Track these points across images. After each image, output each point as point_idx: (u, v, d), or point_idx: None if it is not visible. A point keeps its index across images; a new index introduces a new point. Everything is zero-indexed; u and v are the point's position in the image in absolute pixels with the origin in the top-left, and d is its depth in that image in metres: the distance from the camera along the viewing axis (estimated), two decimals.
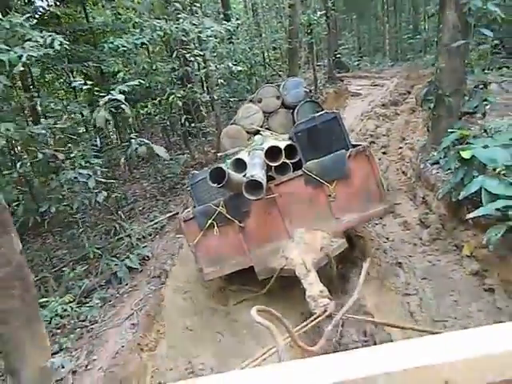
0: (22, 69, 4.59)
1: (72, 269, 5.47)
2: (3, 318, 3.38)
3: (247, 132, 6.02)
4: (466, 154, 4.66)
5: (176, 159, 9.94)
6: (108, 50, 7.37)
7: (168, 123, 11.51)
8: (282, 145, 4.78)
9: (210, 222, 4.57)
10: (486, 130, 5.91)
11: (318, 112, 5.68)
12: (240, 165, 4.71)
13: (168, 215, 7.22)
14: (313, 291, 3.56)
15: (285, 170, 4.75)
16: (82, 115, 7.14)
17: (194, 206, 4.96)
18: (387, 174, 8.04)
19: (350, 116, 12.91)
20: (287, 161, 4.73)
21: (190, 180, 5.15)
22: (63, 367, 3.78)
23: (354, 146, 4.82)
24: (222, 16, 16.49)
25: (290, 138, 5.07)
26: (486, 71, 14.16)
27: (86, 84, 5.19)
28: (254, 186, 3.98)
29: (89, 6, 10.74)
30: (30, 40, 5.30)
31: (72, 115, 6.75)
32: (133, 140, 5.24)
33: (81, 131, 6.84)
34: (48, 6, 11.31)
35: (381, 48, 27.56)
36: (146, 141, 5.38)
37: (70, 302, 4.64)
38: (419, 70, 16.53)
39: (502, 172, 4.44)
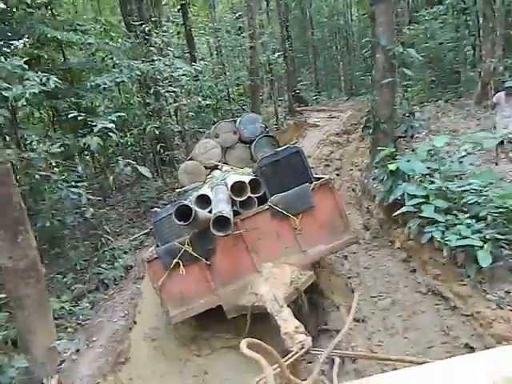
0: (25, 103, 5.40)
1: (63, 277, 6.13)
2: (20, 303, 4.09)
3: (205, 167, 6.04)
4: (392, 167, 5.86)
5: (150, 185, 10.78)
6: (90, 87, 8.29)
7: (140, 152, 12.37)
8: (246, 179, 4.79)
9: (175, 261, 4.40)
10: (413, 150, 7.21)
11: (274, 146, 6.05)
12: (204, 200, 4.64)
13: (146, 231, 8.00)
14: (288, 328, 3.45)
15: (249, 204, 4.71)
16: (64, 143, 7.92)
17: (157, 245, 4.78)
18: (340, 191, 9.22)
19: (308, 144, 14.32)
20: (252, 195, 4.71)
21: (152, 218, 4.98)
22: (67, 348, 4.47)
23: (317, 178, 4.93)
24: (187, 55, 17.88)
25: (253, 173, 5.11)
26: (424, 103, 16.13)
27: (79, 116, 6.07)
28: (221, 222, 3.96)
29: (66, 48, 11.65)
30: (27, 79, 6.19)
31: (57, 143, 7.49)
32: (120, 161, 6.14)
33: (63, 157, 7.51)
34: (24, 46, 12.20)
35: (337, 84, 29.87)
36: (132, 161, 6.29)
37: (66, 301, 5.32)
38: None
39: (419, 179, 5.68)
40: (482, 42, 14.33)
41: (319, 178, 4.88)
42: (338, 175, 10.56)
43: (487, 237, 4.20)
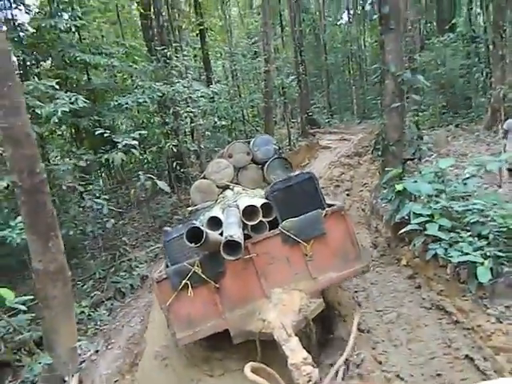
0: (56, 120, 5.85)
1: (82, 285, 6.45)
2: (48, 303, 4.40)
3: (217, 186, 6.06)
4: (399, 187, 6.12)
5: (164, 201, 11.19)
6: (113, 106, 8.80)
7: (157, 169, 12.83)
8: (258, 203, 4.74)
9: (184, 282, 4.35)
10: (420, 172, 7.46)
11: (287, 168, 6.13)
12: (215, 222, 4.62)
13: (161, 244, 8.31)
14: (295, 358, 3.37)
15: (261, 228, 4.66)
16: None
17: (167, 265, 4.78)
18: (350, 211, 9.45)
19: (319, 165, 14.68)
20: (264, 219, 4.67)
21: (163, 237, 4.96)
22: (88, 349, 4.74)
23: (329, 205, 4.86)
24: (203, 77, 18.58)
25: (265, 197, 5.04)
26: (435, 128, 16.42)
27: (105, 133, 6.51)
28: (231, 245, 3.94)
29: (91, 69, 12.31)
30: (58, 99, 6.68)
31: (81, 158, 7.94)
32: (141, 176, 6.52)
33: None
34: (51, 68, 12.91)
35: (349, 107, 30.37)
36: (152, 176, 6.67)
37: (86, 306, 5.62)
38: None
39: (425, 199, 5.92)
40: (491, 70, 14.66)
41: (332, 205, 4.83)
42: (348, 195, 10.80)
43: (488, 254, 4.42)
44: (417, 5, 17.66)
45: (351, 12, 28.91)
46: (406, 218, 5.86)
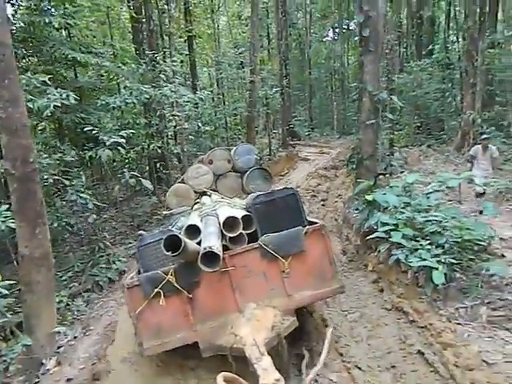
0: (50, 114, 6.05)
1: (61, 276, 6.60)
2: (31, 288, 4.59)
3: (195, 192, 6.01)
4: (369, 198, 6.58)
5: (143, 202, 11.39)
6: (100, 105, 9.01)
7: (138, 170, 13.01)
8: (239, 215, 4.65)
9: (156, 290, 4.22)
10: (390, 185, 7.97)
11: (267, 179, 6.21)
12: (193, 230, 4.50)
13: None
14: (267, 379, 3.31)
15: (240, 240, 4.57)
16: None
17: (139, 271, 4.59)
18: (324, 220, 9.89)
19: (297, 175, 15.19)
20: (243, 231, 4.57)
21: (137, 242, 4.76)
22: (66, 335, 4.93)
23: (310, 222, 4.84)
24: (189, 83, 18.91)
25: (247, 208, 5.00)
26: (409, 146, 17.18)
27: (93, 130, 6.73)
28: (209, 256, 3.88)
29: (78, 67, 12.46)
30: (48, 94, 6.88)
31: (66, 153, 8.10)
32: (125, 173, 6.76)
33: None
34: (39, 64, 12.99)
35: (330, 122, 31.17)
36: (137, 174, 6.91)
37: (65, 296, 5.79)
38: None
39: (392, 210, 6.38)
40: (463, 95, 15.56)
41: (312, 223, 4.80)
42: (323, 205, 11.28)
43: (443, 261, 4.88)
44: (398, 30, 18.58)
45: (337, 30, 29.85)
46: (374, 226, 6.31)
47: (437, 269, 4.76)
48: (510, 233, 6.27)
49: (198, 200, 6.06)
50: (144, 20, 13.01)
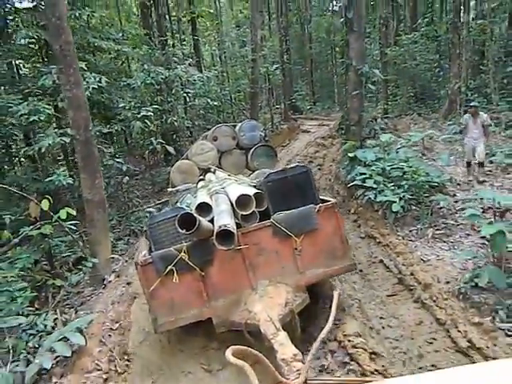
0: (89, 95, 7.53)
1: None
2: (94, 223, 6.18)
3: (199, 168, 6.02)
4: (351, 155, 8.06)
5: (160, 172, 13.00)
6: (122, 86, 10.46)
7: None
8: (250, 192, 4.53)
9: (169, 268, 4.25)
10: (371, 146, 9.42)
11: (271, 156, 6.28)
12: (204, 208, 4.46)
13: (163, 200, 10.11)
14: (286, 354, 3.29)
15: (251, 218, 4.51)
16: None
17: (150, 249, 4.61)
18: (320, 181, 11.40)
19: (298, 145, 16.66)
20: (255, 209, 4.48)
21: (148, 220, 4.75)
22: (118, 260, 6.58)
23: (322, 200, 4.82)
24: (193, 62, 20.16)
25: (258, 186, 4.94)
26: (402, 115, 18.49)
27: (124, 108, 8.21)
28: (224, 235, 3.87)
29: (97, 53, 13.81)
30: (85, 78, 8.33)
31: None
32: (153, 140, 8.27)
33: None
34: None
35: (332, 95, 32.14)
36: (162, 141, 8.41)
37: (111, 237, 7.42)
38: None
39: (368, 163, 7.87)
40: (450, 66, 16.70)
41: (325, 200, 4.81)
42: (319, 169, 12.76)
43: (401, 196, 6.40)
44: (393, 2, 19.53)
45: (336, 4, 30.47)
46: (355, 177, 7.82)
47: (395, 202, 6.29)
48: (464, 178, 7.75)
49: (201, 177, 6.17)
50: (153, 5, 14.24)
